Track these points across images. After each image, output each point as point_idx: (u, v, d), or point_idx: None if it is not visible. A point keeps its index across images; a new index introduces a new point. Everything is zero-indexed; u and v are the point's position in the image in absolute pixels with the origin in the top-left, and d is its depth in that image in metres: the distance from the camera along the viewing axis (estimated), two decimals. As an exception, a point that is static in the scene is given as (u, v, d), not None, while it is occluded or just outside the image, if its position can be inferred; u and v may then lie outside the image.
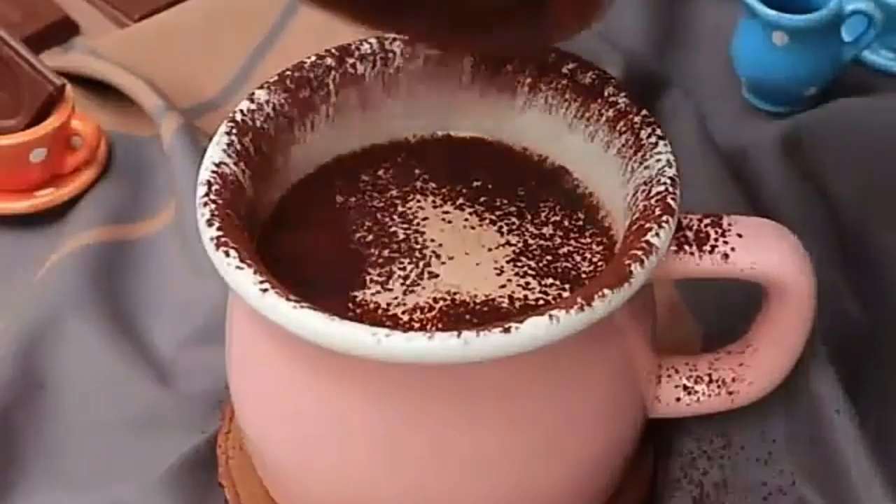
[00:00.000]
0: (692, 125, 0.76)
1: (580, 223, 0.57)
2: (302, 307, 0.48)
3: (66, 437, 0.64)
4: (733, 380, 0.59)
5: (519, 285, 0.54)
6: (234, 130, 0.55)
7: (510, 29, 0.51)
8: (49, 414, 0.64)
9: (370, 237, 0.56)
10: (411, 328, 0.52)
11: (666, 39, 0.86)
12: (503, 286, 0.54)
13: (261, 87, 0.57)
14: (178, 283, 0.71)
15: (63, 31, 0.88)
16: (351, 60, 0.59)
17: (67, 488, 0.62)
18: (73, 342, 0.67)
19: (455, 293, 0.53)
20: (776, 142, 0.75)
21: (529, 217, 0.57)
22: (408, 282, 0.54)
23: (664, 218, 0.51)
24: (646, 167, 0.54)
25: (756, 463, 0.61)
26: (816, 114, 0.78)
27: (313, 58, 0.59)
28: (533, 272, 0.54)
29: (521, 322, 0.47)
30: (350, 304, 0.53)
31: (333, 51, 0.59)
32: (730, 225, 0.55)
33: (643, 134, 0.55)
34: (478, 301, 0.53)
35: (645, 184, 0.53)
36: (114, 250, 0.72)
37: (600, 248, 0.56)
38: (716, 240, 0.54)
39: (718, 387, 0.59)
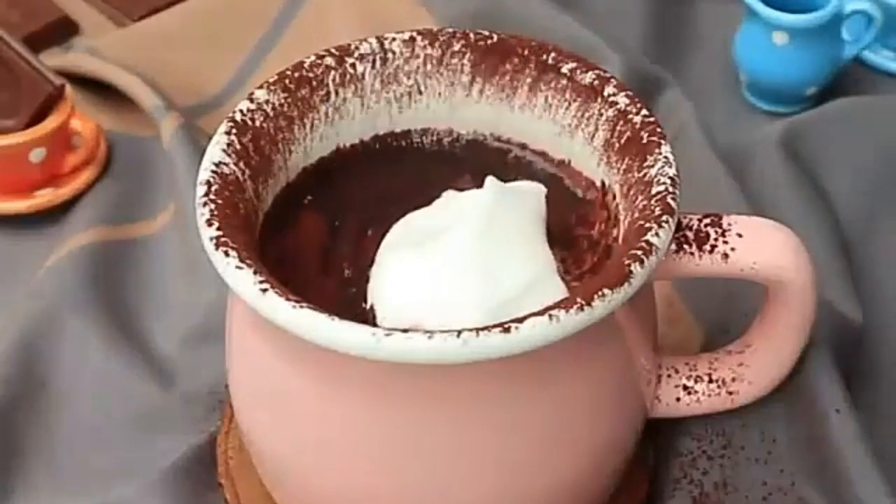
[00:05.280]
0: (692, 125, 0.76)
1: (580, 223, 0.57)
2: (302, 307, 0.48)
3: (66, 437, 0.64)
4: (733, 380, 0.59)
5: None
6: (234, 130, 0.55)
7: None
8: (49, 413, 0.64)
9: (371, 236, 0.56)
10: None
11: (666, 39, 0.86)
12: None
13: (260, 87, 0.57)
14: (178, 282, 0.71)
15: (63, 30, 0.88)
16: (350, 60, 0.59)
17: (67, 488, 0.62)
18: (73, 342, 0.67)
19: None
20: (776, 142, 0.75)
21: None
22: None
23: (664, 218, 0.51)
24: (646, 167, 0.54)
25: (756, 463, 0.61)
26: (816, 114, 0.78)
27: (313, 58, 0.59)
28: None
29: (520, 322, 0.47)
30: (350, 303, 0.53)
31: (333, 50, 0.59)
32: (730, 225, 0.55)
33: (643, 134, 0.55)
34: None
35: (645, 183, 0.53)
36: (114, 250, 0.72)
37: (601, 247, 0.56)
38: (716, 240, 0.54)
39: (718, 387, 0.59)
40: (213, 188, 0.53)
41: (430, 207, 0.55)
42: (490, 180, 0.54)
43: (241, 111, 0.56)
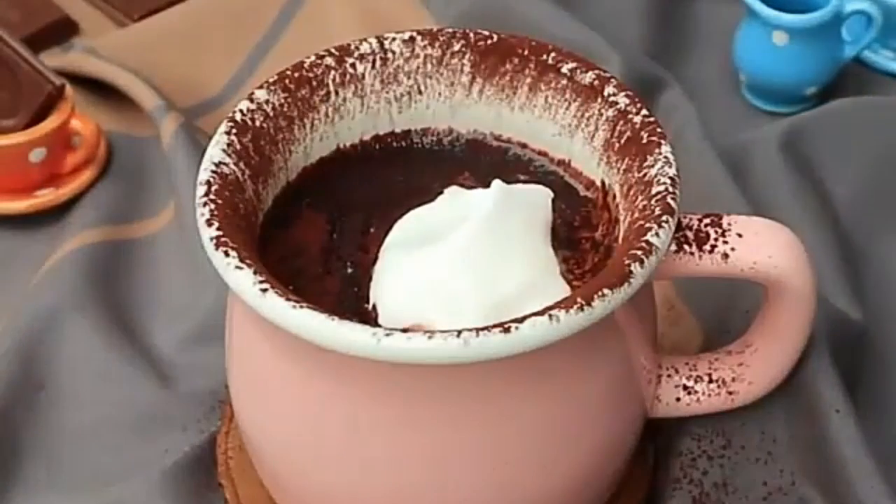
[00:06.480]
0: (692, 125, 0.76)
1: (580, 223, 0.57)
2: (302, 307, 0.48)
3: (66, 437, 0.64)
4: (733, 380, 0.59)
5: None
6: (234, 130, 0.55)
7: None
8: (49, 414, 0.64)
9: (371, 235, 0.56)
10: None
11: (666, 39, 0.86)
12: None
13: (260, 87, 0.57)
14: (178, 282, 0.71)
15: (63, 30, 0.88)
16: (350, 60, 0.59)
17: (67, 489, 0.62)
18: (73, 342, 0.67)
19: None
20: (776, 142, 0.75)
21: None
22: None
23: (664, 218, 0.51)
24: (646, 167, 0.54)
25: (756, 463, 0.61)
26: (816, 114, 0.78)
27: (313, 57, 0.59)
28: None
29: (520, 322, 0.47)
30: (353, 303, 0.53)
31: (333, 50, 0.59)
32: (730, 225, 0.55)
33: (643, 134, 0.55)
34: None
35: (645, 183, 0.53)
36: (114, 250, 0.72)
37: (602, 248, 0.56)
38: (716, 240, 0.54)
39: (718, 387, 0.59)
40: (213, 188, 0.53)
41: (434, 203, 0.55)
42: (497, 182, 0.54)
43: (241, 111, 0.56)
